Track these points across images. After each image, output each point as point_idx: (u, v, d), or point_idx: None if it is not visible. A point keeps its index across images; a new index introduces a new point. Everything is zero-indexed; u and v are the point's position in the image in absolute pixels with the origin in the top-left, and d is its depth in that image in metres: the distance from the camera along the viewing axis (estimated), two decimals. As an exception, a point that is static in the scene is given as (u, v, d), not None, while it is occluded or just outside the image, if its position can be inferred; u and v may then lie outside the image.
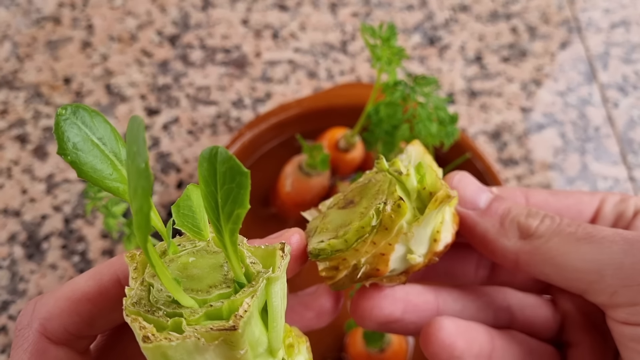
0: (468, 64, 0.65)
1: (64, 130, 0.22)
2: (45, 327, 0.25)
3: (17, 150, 0.57)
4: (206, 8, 0.67)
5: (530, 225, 0.28)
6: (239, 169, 0.20)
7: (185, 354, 0.21)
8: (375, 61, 0.43)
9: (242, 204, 0.20)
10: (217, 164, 0.20)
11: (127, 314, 0.21)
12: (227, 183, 0.20)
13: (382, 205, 0.26)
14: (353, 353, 0.45)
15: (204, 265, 0.23)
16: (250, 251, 0.24)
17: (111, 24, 0.65)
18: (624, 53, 0.67)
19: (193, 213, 0.23)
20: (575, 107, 0.63)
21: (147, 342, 0.20)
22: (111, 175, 0.22)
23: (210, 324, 0.21)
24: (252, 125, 0.53)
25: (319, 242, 0.27)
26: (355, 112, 0.50)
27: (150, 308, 0.22)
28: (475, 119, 0.62)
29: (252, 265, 0.23)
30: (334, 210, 0.29)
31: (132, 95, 0.61)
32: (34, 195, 0.55)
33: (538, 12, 0.69)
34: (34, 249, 0.53)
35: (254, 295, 0.21)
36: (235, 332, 0.20)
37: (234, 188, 0.20)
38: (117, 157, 0.23)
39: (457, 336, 0.28)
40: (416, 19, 0.68)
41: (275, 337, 0.23)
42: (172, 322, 0.21)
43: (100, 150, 0.22)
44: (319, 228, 0.29)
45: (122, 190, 0.23)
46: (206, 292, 0.22)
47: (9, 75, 0.62)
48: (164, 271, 0.21)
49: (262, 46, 0.65)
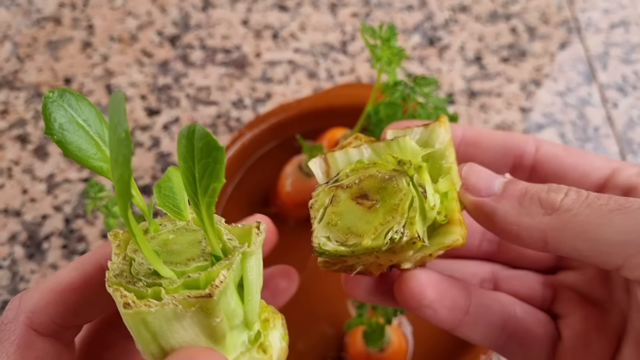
0: (468, 64, 0.65)
1: (51, 112, 0.23)
2: (31, 319, 0.25)
3: (17, 150, 0.58)
4: (206, 8, 0.67)
5: (555, 200, 0.27)
6: (214, 144, 0.21)
7: (164, 321, 0.22)
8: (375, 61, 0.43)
9: (218, 178, 0.21)
10: (195, 140, 0.21)
11: (109, 284, 0.22)
12: (203, 158, 0.21)
13: (399, 237, 0.26)
14: (353, 352, 0.46)
15: (183, 242, 0.24)
16: (227, 229, 0.25)
17: (111, 24, 0.65)
18: (624, 53, 0.67)
19: (174, 194, 0.24)
20: (575, 107, 0.63)
21: (127, 308, 0.21)
22: (95, 154, 0.23)
23: (187, 292, 0.22)
24: (252, 125, 0.53)
25: (325, 239, 0.27)
26: (355, 112, 0.50)
27: (131, 279, 0.23)
28: (475, 119, 0.62)
29: (229, 241, 0.24)
30: (347, 200, 0.28)
31: (132, 95, 0.61)
32: (35, 195, 0.55)
33: (537, 13, 0.69)
34: (34, 248, 0.53)
35: (230, 268, 0.23)
36: (211, 300, 0.21)
37: (210, 163, 0.21)
38: (101, 138, 0.24)
39: (427, 286, 0.28)
40: (416, 19, 0.68)
41: (250, 310, 0.24)
42: (152, 291, 0.22)
43: (85, 131, 0.23)
44: (327, 214, 0.28)
45: (105, 169, 0.23)
46: (185, 264, 0.23)
47: (9, 75, 0.62)
48: (144, 241, 0.22)
49: (262, 46, 0.65)
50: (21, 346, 0.25)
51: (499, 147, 0.31)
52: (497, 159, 0.31)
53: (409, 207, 0.26)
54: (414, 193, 0.27)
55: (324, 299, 0.49)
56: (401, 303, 0.29)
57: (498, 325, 0.30)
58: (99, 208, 0.43)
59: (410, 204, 0.27)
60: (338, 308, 0.49)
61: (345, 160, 0.29)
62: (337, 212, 0.27)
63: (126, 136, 0.19)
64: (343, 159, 0.29)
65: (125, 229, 0.25)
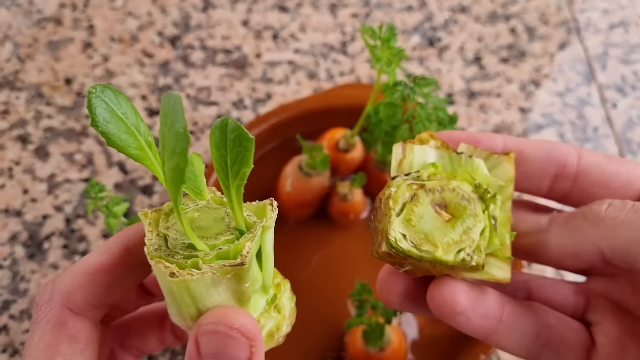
0: (467, 64, 0.65)
1: (95, 106, 0.26)
2: (67, 299, 0.27)
3: (18, 150, 0.58)
4: (206, 9, 0.67)
5: (598, 210, 0.27)
6: (246, 135, 0.25)
7: (204, 287, 0.25)
8: (375, 62, 0.43)
9: (248, 163, 0.25)
10: (228, 132, 0.25)
11: (150, 257, 0.25)
12: (235, 147, 0.25)
13: (469, 259, 0.27)
14: (353, 352, 0.46)
15: (208, 219, 0.27)
16: (245, 207, 0.28)
17: (112, 25, 0.65)
18: (623, 54, 0.67)
19: (195, 177, 0.27)
20: (574, 108, 0.63)
21: (173, 277, 0.24)
22: (133, 144, 0.26)
23: (222, 262, 0.25)
24: (253, 125, 0.53)
25: (402, 237, 0.28)
26: (355, 112, 0.50)
27: (170, 253, 0.26)
28: (475, 120, 0.62)
29: (248, 217, 0.27)
30: (427, 205, 0.28)
31: (133, 95, 0.61)
32: (35, 195, 0.56)
33: (537, 13, 0.69)
34: (35, 248, 0.53)
35: (253, 240, 0.26)
36: (243, 267, 0.25)
37: (241, 151, 0.25)
38: (136, 129, 0.27)
39: (460, 293, 0.28)
40: (416, 19, 0.68)
41: (268, 276, 0.28)
42: (191, 262, 0.25)
43: (124, 122, 0.26)
44: (407, 211, 0.28)
45: (141, 156, 0.26)
46: (214, 238, 0.26)
47: (10, 75, 0.62)
48: (185, 219, 0.25)
49: (263, 47, 0.65)
50: (57, 324, 0.27)
51: (541, 157, 0.31)
52: (539, 169, 0.31)
53: (481, 234, 0.28)
54: (486, 223, 0.28)
55: (324, 298, 0.49)
56: (434, 310, 0.29)
57: (532, 333, 0.30)
58: (100, 208, 0.43)
59: (482, 232, 0.28)
60: (338, 308, 0.49)
61: (421, 157, 0.29)
62: (417, 212, 0.28)
63: (184, 131, 0.22)
64: (420, 154, 0.30)
65: (153, 209, 0.28)
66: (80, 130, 0.59)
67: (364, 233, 0.52)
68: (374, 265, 0.51)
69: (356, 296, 0.42)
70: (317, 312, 0.49)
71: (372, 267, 0.51)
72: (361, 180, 0.50)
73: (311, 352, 0.48)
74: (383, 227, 0.28)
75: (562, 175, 0.31)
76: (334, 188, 0.52)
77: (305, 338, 0.48)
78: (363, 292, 0.42)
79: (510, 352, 0.30)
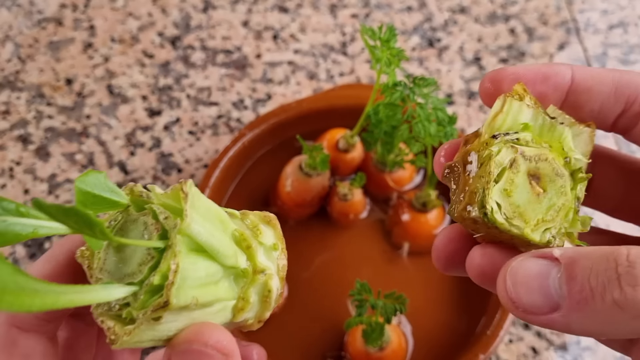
0: (467, 65, 0.65)
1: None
2: (13, 316, 0.25)
3: (19, 150, 0.58)
4: (207, 9, 0.67)
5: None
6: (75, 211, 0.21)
7: (150, 331, 0.22)
8: (374, 62, 0.44)
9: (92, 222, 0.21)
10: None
11: (95, 317, 0.23)
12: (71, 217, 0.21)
13: (553, 240, 0.25)
14: (352, 352, 0.46)
15: (131, 239, 0.24)
16: (161, 204, 0.24)
17: (113, 25, 0.66)
18: (622, 54, 0.67)
19: (106, 190, 0.24)
20: (574, 108, 0.64)
21: (114, 343, 0.22)
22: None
23: (151, 303, 0.22)
24: (253, 125, 0.53)
25: (497, 208, 0.25)
26: (355, 112, 0.50)
27: (109, 307, 0.23)
28: (474, 120, 0.62)
29: (165, 221, 0.24)
30: (524, 175, 0.26)
31: (133, 96, 0.61)
32: (36, 195, 0.56)
33: (536, 14, 0.70)
34: (35, 248, 0.53)
35: (176, 254, 0.22)
36: (170, 305, 0.22)
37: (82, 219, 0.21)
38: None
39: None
40: (415, 20, 0.68)
41: (224, 259, 0.24)
42: (126, 313, 0.23)
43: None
44: (506, 179, 0.25)
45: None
46: (139, 271, 0.23)
47: (10, 76, 0.62)
48: (84, 297, 0.21)
49: (263, 47, 0.65)
50: (7, 345, 0.25)
51: (610, 92, 0.27)
52: (607, 107, 0.28)
53: (565, 215, 0.26)
54: (571, 203, 0.26)
55: (324, 298, 0.49)
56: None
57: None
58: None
59: (566, 214, 0.26)
60: (338, 307, 0.49)
61: (517, 114, 0.27)
62: (514, 182, 0.26)
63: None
64: (516, 111, 0.26)
65: (86, 246, 0.25)
66: (80, 131, 0.59)
67: (364, 233, 0.52)
68: (373, 264, 0.52)
69: (356, 296, 0.43)
70: (317, 311, 0.49)
71: (372, 266, 0.51)
72: (361, 180, 0.50)
73: (311, 351, 0.48)
74: (475, 190, 0.25)
75: (630, 112, 0.28)
76: (334, 188, 0.52)
77: (305, 337, 0.48)
78: (363, 291, 0.43)
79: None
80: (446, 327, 0.49)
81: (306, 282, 0.50)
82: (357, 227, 0.53)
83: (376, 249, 0.52)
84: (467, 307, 0.49)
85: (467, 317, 0.49)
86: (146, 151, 0.58)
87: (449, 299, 0.50)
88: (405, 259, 0.51)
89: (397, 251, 0.52)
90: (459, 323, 0.49)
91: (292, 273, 0.49)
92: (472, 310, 0.49)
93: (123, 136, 0.59)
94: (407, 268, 0.51)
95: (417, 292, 0.49)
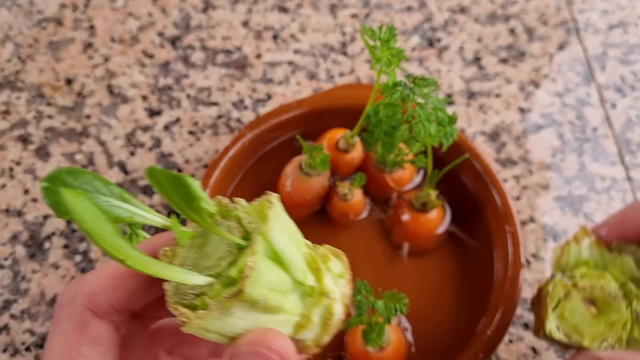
0: (467, 65, 0.66)
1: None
2: (90, 301, 0.27)
3: (19, 150, 0.58)
4: (207, 9, 0.68)
5: None
6: (175, 177, 0.24)
7: (218, 321, 0.24)
8: (374, 62, 0.44)
9: (197, 197, 0.24)
10: (159, 178, 0.24)
11: (169, 305, 0.25)
12: (176, 187, 0.24)
13: (610, 349, 0.34)
14: (353, 351, 0.46)
15: (212, 241, 0.26)
16: (245, 212, 0.27)
17: (112, 25, 0.66)
18: (622, 54, 0.67)
19: (192, 200, 0.26)
20: (573, 108, 0.64)
21: (184, 325, 0.24)
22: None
23: (225, 292, 0.24)
24: (253, 125, 0.53)
25: (555, 329, 0.35)
26: (355, 112, 0.50)
27: (183, 295, 0.25)
28: (474, 120, 0.62)
29: (249, 224, 0.26)
30: (578, 301, 0.36)
31: (133, 96, 0.61)
32: (36, 195, 0.56)
33: (536, 14, 0.70)
34: (36, 248, 0.53)
35: (254, 253, 0.25)
36: (244, 293, 0.24)
37: (184, 189, 0.24)
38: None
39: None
40: (415, 20, 0.68)
41: (296, 272, 0.26)
42: (199, 301, 0.25)
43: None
44: (561, 307, 0.36)
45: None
46: (218, 265, 0.25)
47: (10, 75, 0.62)
48: (162, 272, 0.24)
49: (263, 47, 0.65)
50: (79, 325, 0.27)
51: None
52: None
53: (622, 327, 0.34)
54: (628, 316, 0.35)
55: (324, 298, 0.49)
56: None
57: None
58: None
59: (623, 325, 0.34)
60: (338, 307, 0.49)
61: (576, 254, 0.37)
62: (569, 308, 0.35)
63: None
64: (575, 252, 0.37)
65: (171, 246, 0.27)
66: (80, 131, 0.59)
67: (364, 232, 0.52)
68: (373, 264, 0.52)
69: (356, 295, 0.43)
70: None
71: (372, 266, 0.51)
72: (361, 180, 0.50)
73: (311, 351, 0.48)
74: (541, 317, 0.36)
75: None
76: (334, 188, 0.52)
77: (305, 337, 0.48)
78: (363, 291, 0.43)
79: None
80: (446, 327, 0.49)
81: (306, 282, 0.50)
82: (357, 227, 0.53)
83: (376, 248, 0.52)
84: (467, 307, 0.49)
85: (467, 317, 0.49)
86: (146, 151, 0.58)
87: (449, 299, 0.50)
88: (405, 258, 0.51)
89: (397, 251, 0.52)
90: (459, 323, 0.49)
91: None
92: (472, 310, 0.49)
93: (123, 136, 0.59)
94: (407, 268, 0.51)
95: (417, 292, 0.49)
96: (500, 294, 0.46)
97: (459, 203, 0.52)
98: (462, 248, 0.52)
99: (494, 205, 0.50)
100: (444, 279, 0.51)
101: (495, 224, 0.50)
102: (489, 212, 0.50)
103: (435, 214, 0.50)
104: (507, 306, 0.45)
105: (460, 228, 0.52)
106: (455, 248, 0.52)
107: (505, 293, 0.46)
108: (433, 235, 0.51)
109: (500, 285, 0.46)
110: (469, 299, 0.50)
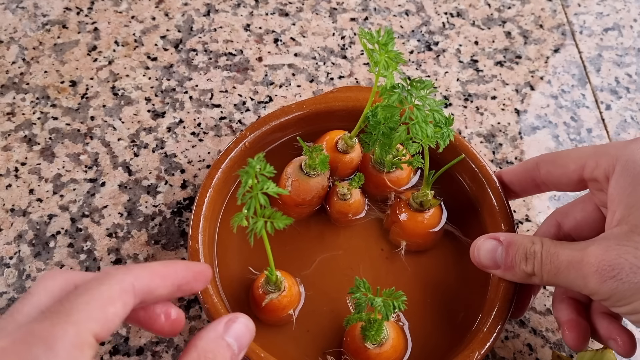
0: (464, 67, 0.67)
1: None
2: (134, 282, 0.32)
3: (24, 151, 0.59)
4: (209, 13, 0.69)
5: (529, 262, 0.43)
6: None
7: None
8: (373, 65, 0.45)
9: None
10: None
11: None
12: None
13: None
14: (351, 348, 0.47)
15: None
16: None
17: (116, 28, 0.67)
18: (617, 56, 0.68)
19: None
20: (569, 109, 0.65)
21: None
22: None
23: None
24: (254, 127, 0.54)
25: None
26: (354, 114, 0.51)
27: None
28: (471, 121, 0.63)
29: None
30: None
31: (137, 97, 0.62)
32: (41, 195, 0.57)
33: (532, 17, 0.71)
34: (40, 247, 0.54)
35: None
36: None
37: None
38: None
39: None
40: (413, 24, 0.69)
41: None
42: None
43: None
44: None
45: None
46: None
47: (15, 77, 0.63)
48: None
49: (264, 50, 0.66)
50: (125, 290, 0.32)
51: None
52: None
53: None
54: None
55: (324, 296, 0.50)
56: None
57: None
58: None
59: None
60: (337, 305, 0.50)
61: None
62: None
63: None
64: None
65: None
66: (85, 132, 0.60)
67: (362, 231, 0.53)
68: (372, 262, 0.52)
69: (355, 293, 0.43)
70: (316, 309, 0.50)
71: (370, 264, 0.52)
72: (359, 181, 0.51)
73: (311, 348, 0.49)
74: None
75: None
76: (333, 188, 0.53)
77: (305, 335, 0.49)
78: (362, 289, 0.43)
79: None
80: (443, 324, 0.50)
81: (306, 279, 0.51)
82: (355, 226, 0.54)
83: (374, 247, 0.53)
84: (463, 305, 0.50)
85: (464, 314, 0.50)
86: (150, 152, 0.59)
87: (446, 296, 0.51)
88: (402, 257, 0.52)
89: (395, 249, 0.53)
90: (456, 320, 0.50)
91: (293, 271, 0.50)
92: (468, 307, 0.49)
93: (127, 137, 0.60)
94: (405, 266, 0.52)
95: (414, 290, 0.50)
96: (496, 291, 0.47)
97: (456, 202, 0.53)
98: (459, 246, 0.52)
99: (490, 205, 0.51)
100: (441, 277, 0.51)
101: (491, 223, 0.51)
102: (485, 211, 0.51)
103: (432, 214, 0.51)
104: (503, 303, 0.46)
105: (457, 227, 0.53)
106: (452, 246, 0.53)
107: (502, 290, 0.47)
108: (430, 234, 0.52)
109: (496, 282, 0.47)
110: (466, 296, 0.50)
